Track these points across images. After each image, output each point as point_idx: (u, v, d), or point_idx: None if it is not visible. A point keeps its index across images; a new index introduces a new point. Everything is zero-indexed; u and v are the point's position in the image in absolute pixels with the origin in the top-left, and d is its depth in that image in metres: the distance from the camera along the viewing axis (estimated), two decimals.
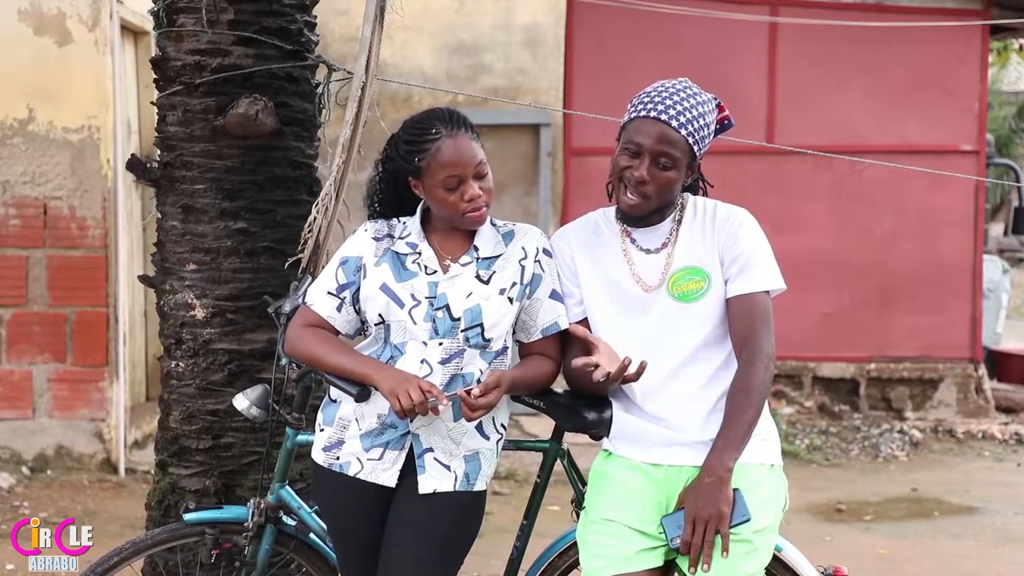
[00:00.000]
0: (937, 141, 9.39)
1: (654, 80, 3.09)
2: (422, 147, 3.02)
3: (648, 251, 3.09)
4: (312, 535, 3.44)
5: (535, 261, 3.12)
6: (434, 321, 3.03)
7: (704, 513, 2.85)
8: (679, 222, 3.10)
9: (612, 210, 3.16)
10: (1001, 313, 11.20)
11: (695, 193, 3.19)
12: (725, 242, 3.05)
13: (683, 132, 2.96)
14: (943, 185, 9.20)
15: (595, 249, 3.14)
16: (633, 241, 3.11)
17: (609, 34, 9.18)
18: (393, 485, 3.08)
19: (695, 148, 3.00)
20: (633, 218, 3.07)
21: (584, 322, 3.14)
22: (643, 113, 2.98)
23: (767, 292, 3.04)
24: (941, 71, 9.38)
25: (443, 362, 3.02)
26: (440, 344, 3.02)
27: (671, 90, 3.01)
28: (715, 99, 3.10)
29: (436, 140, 3.01)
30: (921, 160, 8.80)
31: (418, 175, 3.06)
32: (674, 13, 8.50)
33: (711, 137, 3.07)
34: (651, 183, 2.98)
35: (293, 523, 3.45)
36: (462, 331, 3.02)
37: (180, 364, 4.05)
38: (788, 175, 9.39)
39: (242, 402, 3.45)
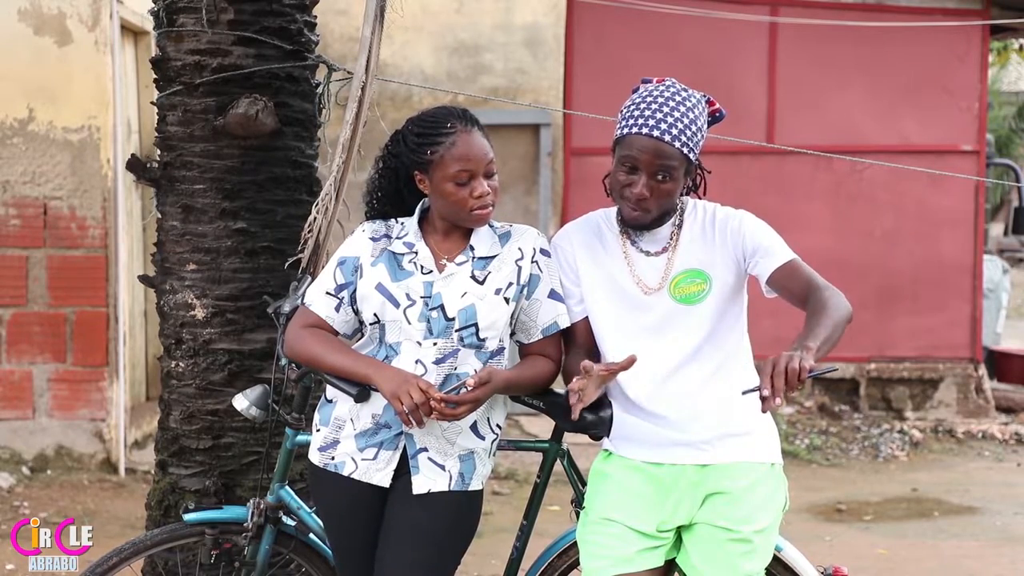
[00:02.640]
0: (937, 141, 9.39)
1: None
2: (436, 140, 3.02)
3: (648, 254, 3.10)
4: (312, 535, 3.44)
5: (532, 262, 3.12)
6: (428, 321, 3.02)
7: (783, 362, 2.69)
8: (679, 226, 3.10)
9: (613, 211, 3.16)
10: (1001, 313, 11.20)
11: (695, 183, 3.19)
12: (734, 241, 3.05)
13: (677, 144, 2.96)
14: (943, 185, 9.20)
15: (596, 249, 3.15)
16: (634, 243, 3.11)
17: (609, 34, 9.18)
18: (387, 485, 3.07)
19: (690, 155, 3.00)
20: (636, 227, 3.08)
21: (585, 320, 3.14)
22: (635, 130, 2.97)
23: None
24: (941, 71, 9.37)
25: (437, 362, 3.02)
26: (434, 344, 3.02)
27: (659, 100, 2.99)
28: (704, 96, 3.10)
29: (451, 134, 3.01)
30: (921, 160, 8.80)
31: (426, 169, 3.05)
32: (674, 13, 8.50)
33: (705, 136, 3.07)
34: (651, 198, 2.99)
35: (293, 523, 3.45)
36: (456, 331, 3.02)
37: (180, 364, 4.05)
38: (788, 175, 9.38)
39: (242, 402, 3.45)
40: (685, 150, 2.97)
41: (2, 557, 5.53)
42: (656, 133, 2.95)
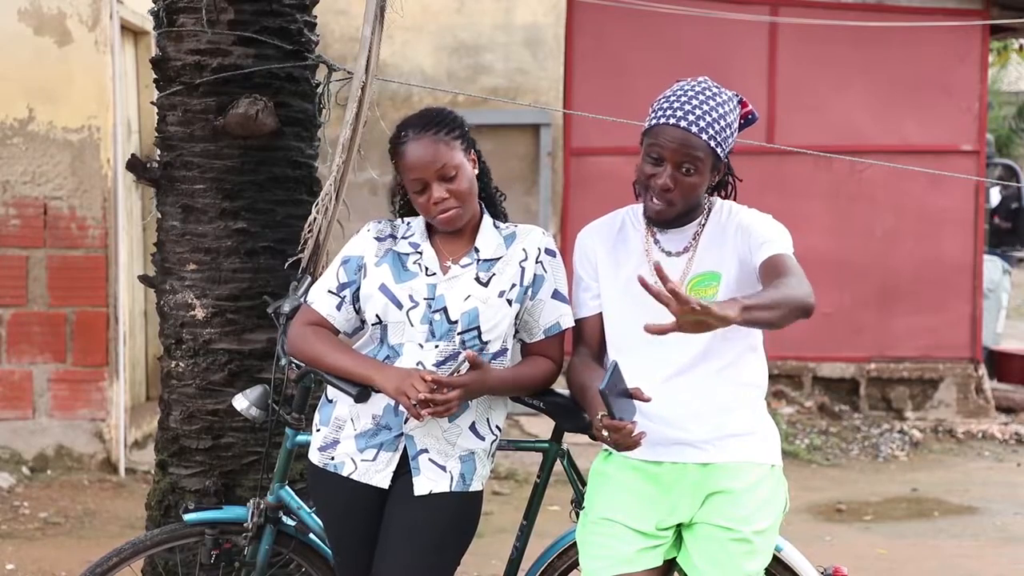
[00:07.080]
0: (937, 141, 9.39)
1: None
2: (394, 151, 3.08)
3: (670, 254, 3.08)
4: (311, 535, 3.44)
5: (536, 262, 3.11)
6: (431, 323, 3.02)
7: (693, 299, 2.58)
8: (703, 227, 3.09)
9: (640, 208, 3.14)
10: (1001, 313, 11.19)
11: (724, 189, 3.17)
12: (742, 237, 3.03)
13: (704, 136, 2.95)
14: (943, 185, 9.20)
15: (618, 248, 3.14)
16: (656, 242, 3.10)
17: (609, 34, 9.17)
18: (386, 487, 3.07)
19: (718, 150, 2.99)
20: (660, 222, 3.07)
21: (597, 318, 3.14)
22: (662, 120, 2.97)
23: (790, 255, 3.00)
24: (941, 71, 9.37)
25: (438, 364, 3.01)
26: (436, 347, 3.02)
27: (689, 93, 2.99)
28: (737, 96, 3.09)
29: (403, 143, 3.05)
30: (921, 160, 8.79)
31: (401, 179, 3.10)
32: (674, 13, 8.49)
33: (735, 135, 3.06)
34: (675, 189, 2.98)
35: (293, 523, 3.45)
36: (458, 334, 3.02)
37: (180, 364, 4.05)
38: (788, 175, 9.38)
39: (241, 402, 3.45)
40: (712, 143, 2.96)
41: (2, 557, 5.54)
42: (684, 124, 2.94)
